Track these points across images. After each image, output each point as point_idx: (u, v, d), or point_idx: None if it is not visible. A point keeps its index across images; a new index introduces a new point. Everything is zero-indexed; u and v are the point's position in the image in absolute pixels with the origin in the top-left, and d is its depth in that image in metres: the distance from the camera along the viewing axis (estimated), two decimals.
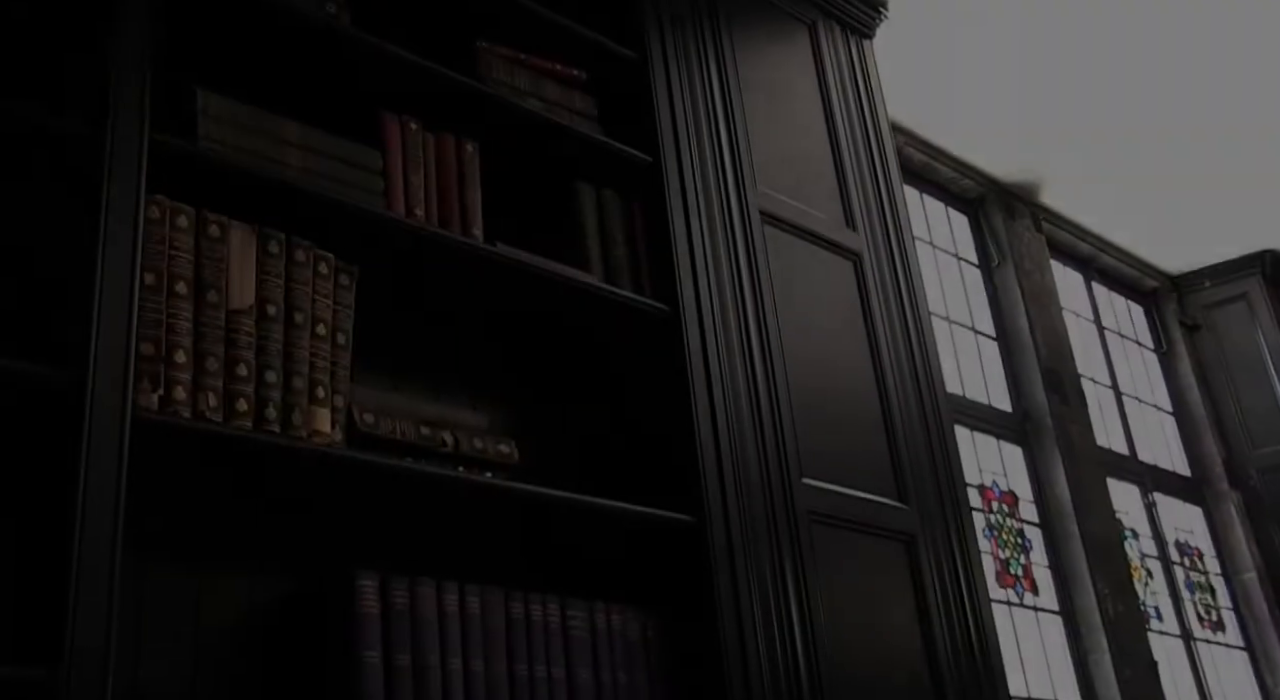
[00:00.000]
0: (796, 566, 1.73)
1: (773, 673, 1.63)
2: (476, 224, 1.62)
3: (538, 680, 1.42)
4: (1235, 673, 3.79)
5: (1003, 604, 3.08)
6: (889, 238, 2.25)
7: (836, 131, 2.28)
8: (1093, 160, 3.62)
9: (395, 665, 1.31)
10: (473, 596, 1.40)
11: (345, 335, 1.41)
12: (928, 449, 2.09)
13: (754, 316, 1.88)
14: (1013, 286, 3.59)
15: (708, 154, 1.96)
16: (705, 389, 1.73)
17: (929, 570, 1.96)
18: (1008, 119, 3.40)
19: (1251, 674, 3.82)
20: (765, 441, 1.78)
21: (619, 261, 1.79)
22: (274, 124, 1.45)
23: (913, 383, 2.13)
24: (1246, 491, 4.03)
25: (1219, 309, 4.22)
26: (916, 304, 2.24)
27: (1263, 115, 3.45)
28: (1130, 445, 3.89)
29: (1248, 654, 3.85)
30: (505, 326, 1.78)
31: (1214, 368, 4.18)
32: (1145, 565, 3.66)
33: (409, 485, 1.41)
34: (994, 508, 3.23)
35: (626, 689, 1.52)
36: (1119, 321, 4.20)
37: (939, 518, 2.03)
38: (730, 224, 1.93)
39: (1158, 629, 3.54)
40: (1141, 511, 3.79)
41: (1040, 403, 3.44)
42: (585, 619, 1.50)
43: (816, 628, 1.72)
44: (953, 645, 1.93)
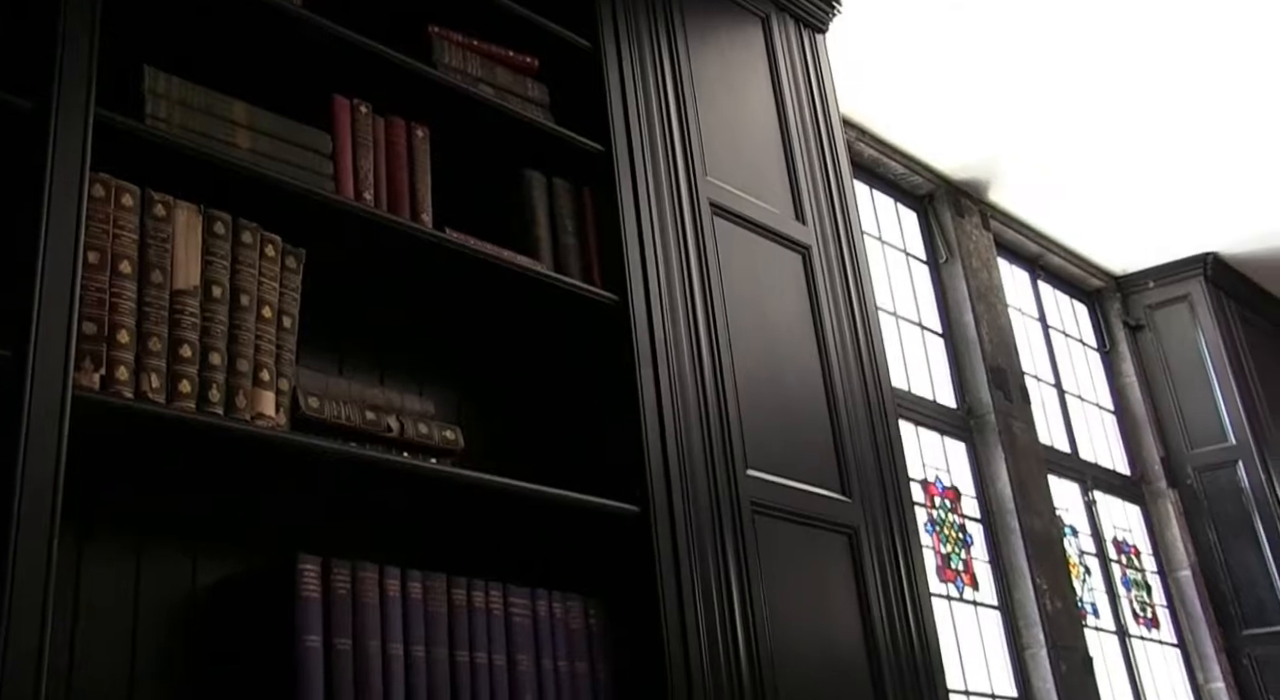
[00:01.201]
0: (739, 557, 1.75)
1: (713, 662, 1.64)
2: (426, 209, 1.62)
3: (479, 667, 1.43)
4: (1168, 669, 3.88)
5: (943, 598, 3.13)
6: (838, 232, 2.28)
7: (788, 125, 2.30)
8: (1041, 160, 3.69)
9: (336, 650, 1.31)
10: (415, 582, 1.40)
11: (291, 318, 1.40)
12: (872, 443, 2.12)
13: (702, 307, 1.89)
14: (960, 284, 3.64)
15: (659, 144, 1.98)
16: (652, 379, 1.74)
17: (870, 563, 1.98)
18: (959, 117, 3.44)
19: (1184, 670, 3.92)
20: (711, 433, 1.80)
21: (568, 250, 1.79)
22: (223, 104, 1.44)
23: (859, 377, 2.16)
24: (1183, 491, 4.13)
25: (1161, 310, 4.31)
26: (864, 299, 2.27)
27: (1206, 122, 3.53)
28: (1072, 443, 3.97)
29: (1180, 651, 3.95)
30: (453, 313, 1.78)
31: (1155, 368, 4.28)
32: (1083, 562, 3.74)
33: (352, 470, 1.41)
34: (937, 503, 3.29)
35: (568, 676, 1.53)
36: (1064, 320, 4.28)
37: (882, 511, 2.06)
38: (680, 215, 1.94)
39: (1094, 625, 3.62)
40: (1081, 509, 3.87)
41: (985, 399, 3.50)
42: (528, 606, 1.51)
43: (758, 618, 1.74)
44: (892, 638, 1.96)
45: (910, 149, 3.58)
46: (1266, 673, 3.83)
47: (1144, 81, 3.33)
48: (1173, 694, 3.83)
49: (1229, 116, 3.51)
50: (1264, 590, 3.89)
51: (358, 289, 1.67)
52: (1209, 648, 3.91)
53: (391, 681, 1.33)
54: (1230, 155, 3.70)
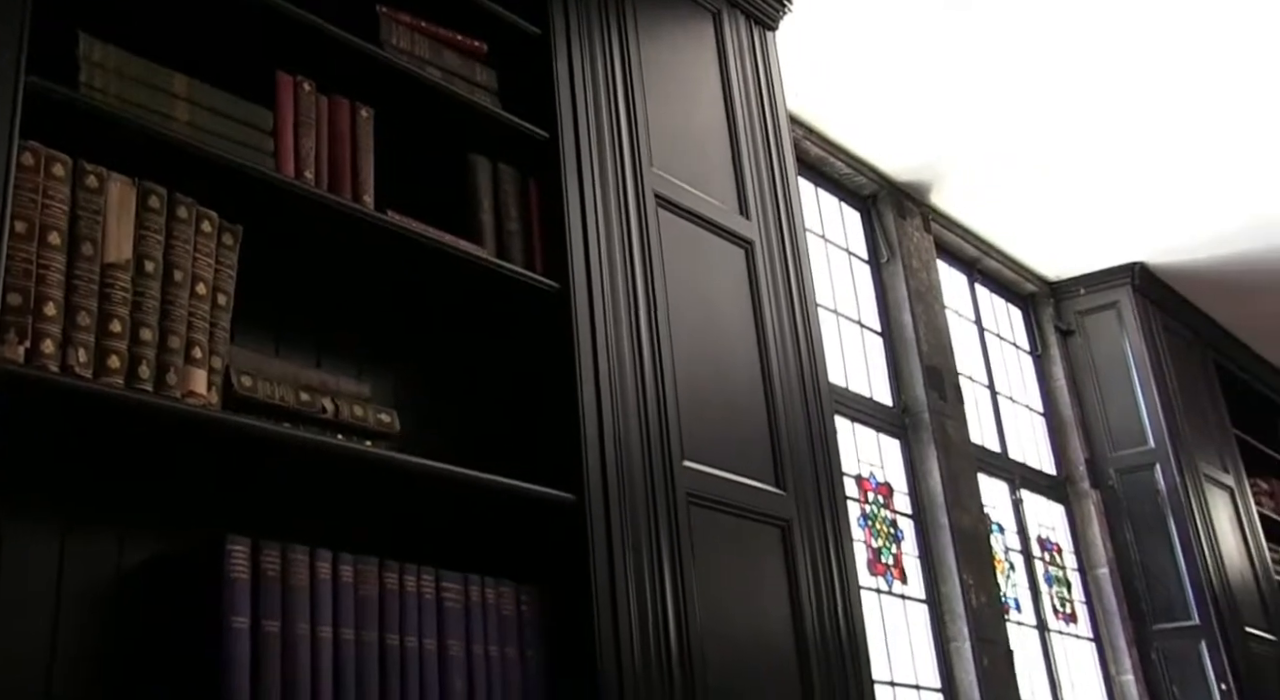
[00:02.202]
0: (673, 547, 1.77)
1: (644, 651, 1.66)
2: (368, 191, 1.60)
3: (409, 651, 1.42)
4: (1083, 661, 4.00)
5: (873, 591, 3.18)
6: (781, 228, 2.30)
7: (735, 120, 2.31)
8: (983, 167, 3.75)
9: (263, 632, 1.29)
10: (346, 565, 1.39)
11: (226, 296, 1.38)
12: (808, 438, 2.15)
13: (644, 298, 1.90)
14: (900, 284, 3.69)
15: (605, 134, 1.98)
16: (591, 368, 1.75)
17: (802, 556, 2.01)
18: (904, 120, 3.49)
19: (1097, 663, 4.04)
20: (649, 423, 1.81)
21: (511, 236, 1.79)
22: (162, 76, 1.41)
23: (797, 372, 2.19)
24: (1105, 491, 4.24)
25: (1091, 316, 4.42)
26: (805, 295, 2.29)
27: (1138, 138, 3.62)
28: (1002, 443, 4.05)
29: (1095, 644, 4.06)
30: (394, 296, 1.77)
31: (1083, 372, 4.38)
32: (1008, 558, 3.83)
33: (285, 451, 1.39)
34: (870, 498, 3.34)
35: (499, 662, 1.53)
36: (998, 323, 4.37)
37: (815, 505, 2.09)
38: (625, 205, 1.95)
39: (1016, 619, 3.71)
40: (1008, 507, 3.96)
41: (920, 398, 3.56)
42: (460, 591, 1.51)
43: (689, 608, 1.75)
44: (821, 629, 1.99)
45: (856, 149, 3.62)
46: (1171, 665, 3.97)
47: (1081, 97, 3.41)
48: (1086, 686, 3.95)
49: (1159, 134, 3.60)
50: (1173, 587, 4.02)
51: (297, 269, 1.66)
52: (1121, 641, 4.03)
53: (320, 664, 1.33)
54: (1159, 170, 3.80)
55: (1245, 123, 3.60)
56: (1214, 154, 3.74)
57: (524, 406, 1.77)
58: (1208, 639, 3.94)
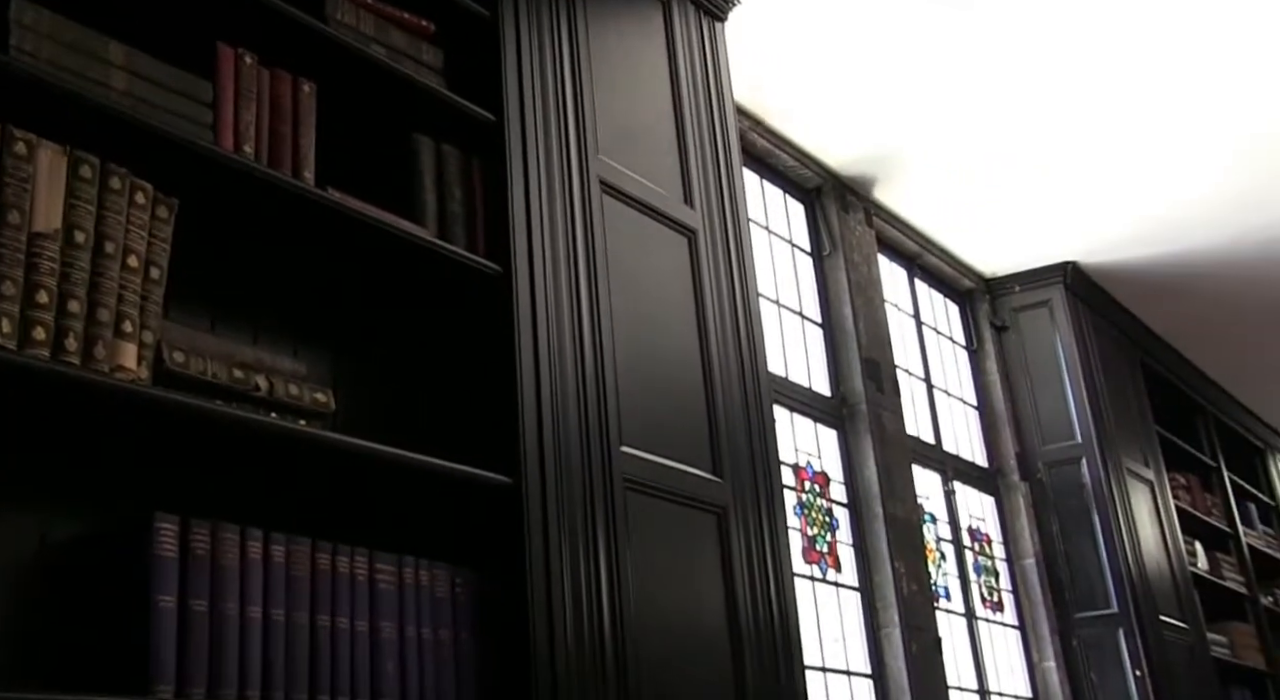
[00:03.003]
0: (609, 532, 1.78)
1: (578, 634, 1.67)
2: (308, 167, 1.58)
3: (340, 632, 1.42)
4: (1008, 648, 4.10)
5: (807, 579, 3.23)
6: (725, 218, 2.32)
7: (682, 109, 2.32)
8: (925, 164, 3.81)
9: (191, 611, 1.28)
10: (278, 545, 1.38)
11: (160, 269, 1.36)
12: (746, 426, 2.17)
13: (585, 283, 1.90)
14: (841, 277, 3.74)
15: (552, 118, 1.97)
16: (531, 351, 1.75)
17: (737, 543, 2.03)
18: (850, 115, 3.53)
19: (1022, 650, 4.14)
20: (587, 407, 1.81)
21: (454, 218, 1.78)
22: (98, 43, 1.37)
23: (737, 361, 2.21)
24: (1034, 484, 4.34)
25: (1025, 312, 4.51)
26: (747, 285, 2.31)
27: (1074, 139, 3.70)
28: (936, 435, 4.13)
29: (1020, 632, 4.17)
30: (333, 274, 1.75)
31: (1016, 367, 4.48)
32: (940, 548, 3.90)
33: (217, 428, 1.37)
34: (806, 487, 3.38)
35: (431, 644, 1.53)
36: (936, 318, 4.44)
37: (751, 493, 2.11)
38: (569, 190, 1.95)
39: (945, 607, 3.79)
40: (941, 498, 4.03)
41: (858, 389, 3.61)
42: (394, 573, 1.50)
43: (624, 592, 1.76)
44: (754, 615, 2.01)
45: (801, 143, 3.65)
46: (1091, 652, 4.09)
47: (1020, 99, 3.47)
48: (1010, 672, 4.05)
49: (1094, 136, 3.68)
50: (1094, 577, 4.14)
51: (235, 245, 1.63)
52: (1045, 629, 4.13)
53: (248, 644, 1.31)
54: (1093, 172, 3.89)
55: (1175, 127, 3.69)
56: (1146, 157, 3.84)
57: (463, 389, 1.76)
58: (1125, 627, 4.06)
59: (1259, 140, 3.77)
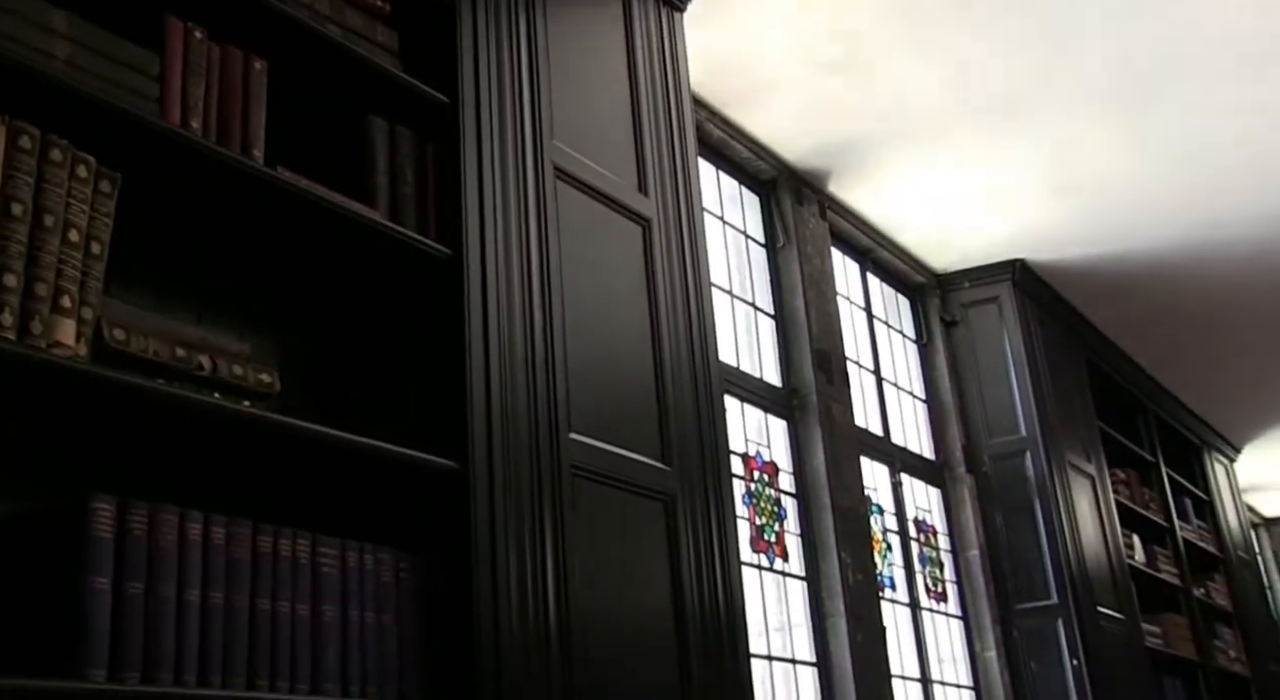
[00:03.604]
0: (556, 519, 1.78)
1: (523, 620, 1.66)
2: (258, 145, 1.56)
3: (280, 615, 1.40)
4: (951, 638, 4.17)
5: (754, 567, 3.25)
6: (680, 207, 2.32)
7: (639, 98, 2.32)
8: (879, 159, 3.84)
9: (126, 593, 1.26)
10: (218, 527, 1.36)
11: (101, 245, 1.33)
12: (696, 415, 2.17)
13: (537, 269, 1.90)
14: (794, 269, 3.76)
15: (507, 103, 1.96)
16: (481, 336, 1.74)
17: (685, 531, 2.04)
18: (806, 108, 3.54)
19: (964, 640, 4.21)
20: (537, 393, 1.81)
21: (406, 201, 1.76)
22: (41, 11, 1.34)
23: (688, 350, 2.21)
24: (979, 477, 4.41)
25: (974, 308, 4.57)
26: (699, 274, 2.32)
27: (1026, 141, 3.75)
28: (885, 427, 4.17)
29: (963, 622, 4.23)
30: (282, 254, 1.72)
31: (964, 362, 4.54)
32: (886, 539, 3.95)
33: (158, 408, 1.35)
34: (755, 476, 3.40)
35: (374, 629, 1.52)
36: (887, 312, 4.48)
37: (700, 481, 2.12)
38: (523, 175, 1.94)
39: (890, 597, 3.84)
40: (888, 489, 4.08)
41: (808, 381, 3.64)
42: (337, 557, 1.49)
43: (570, 580, 1.76)
44: (700, 603, 2.02)
45: (758, 134, 3.66)
46: (1030, 641, 4.17)
47: (974, 98, 3.51)
48: (952, 661, 4.12)
49: (1045, 135, 3.74)
50: (1036, 569, 4.22)
51: (181, 222, 1.60)
52: (987, 620, 4.21)
53: (185, 627, 1.30)
54: (1044, 170, 3.94)
55: (1122, 129, 3.75)
56: (1094, 158, 3.90)
57: (411, 373, 1.75)
58: (1064, 617, 4.14)
59: (1200, 143, 3.85)
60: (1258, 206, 4.23)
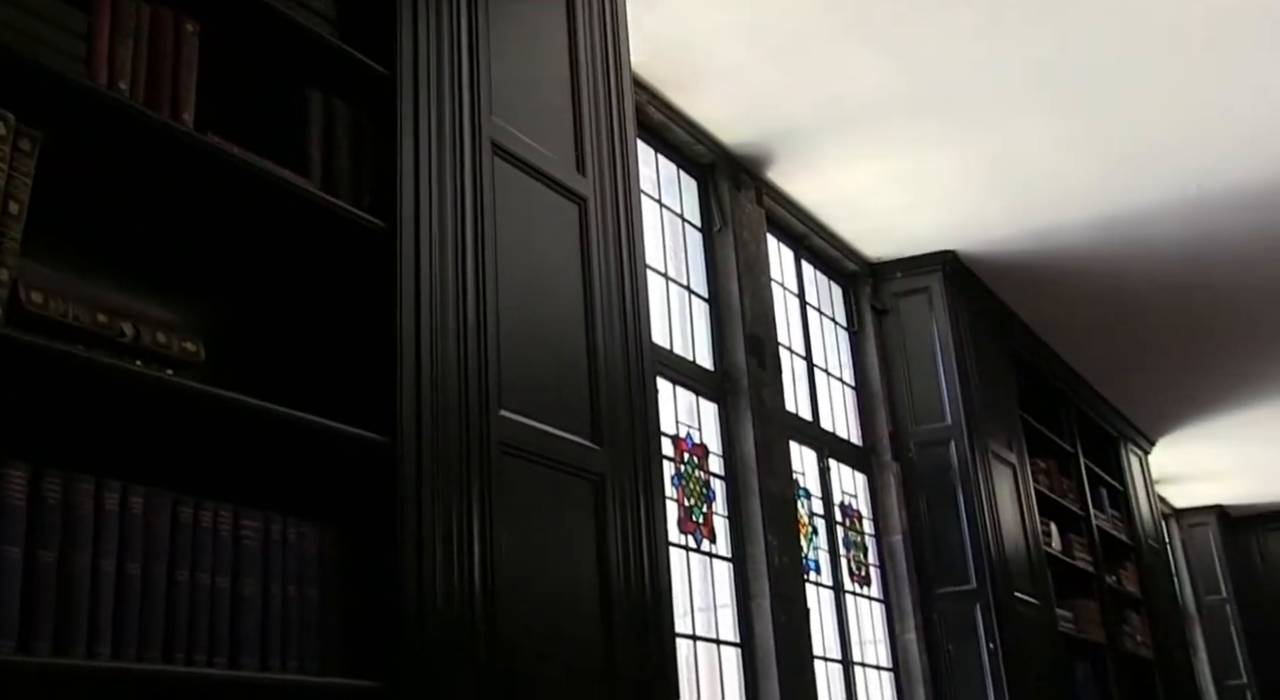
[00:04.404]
0: (484, 496, 1.77)
1: (448, 598, 1.66)
2: (188, 109, 1.53)
3: (199, 588, 1.38)
4: (873, 621, 4.25)
5: (681, 548, 3.28)
6: (617, 188, 2.32)
7: (579, 77, 2.31)
8: (817, 147, 3.87)
9: (38, 563, 1.23)
10: (136, 497, 1.34)
11: (19, 204, 1.29)
12: (627, 396, 2.18)
13: (472, 245, 1.89)
14: (730, 254, 3.78)
15: (446, 77, 1.94)
16: (413, 310, 1.73)
17: (613, 511, 2.05)
18: (746, 93, 3.56)
19: (885, 623, 4.30)
20: (468, 370, 1.80)
21: (340, 172, 1.74)
22: None
23: (621, 331, 2.22)
24: (905, 463, 4.50)
25: (905, 298, 4.65)
26: (635, 255, 2.32)
27: (961, 134, 3.82)
28: (814, 413, 4.23)
29: (884, 605, 4.33)
30: (212, 222, 1.69)
31: (894, 350, 4.62)
32: (812, 523, 4.01)
33: (77, 374, 1.32)
34: (685, 458, 3.43)
35: (296, 603, 1.51)
36: (819, 298, 4.54)
37: (629, 462, 2.13)
38: (460, 150, 1.92)
39: (815, 580, 3.90)
40: (816, 474, 4.14)
41: (740, 365, 3.67)
42: (259, 529, 1.47)
43: (497, 557, 1.76)
44: (627, 583, 2.04)
45: (697, 118, 3.67)
46: (950, 625, 4.28)
47: (911, 90, 3.56)
48: (874, 643, 4.21)
49: (980, 131, 3.80)
50: (957, 554, 4.32)
51: (107, 186, 1.56)
52: (908, 604, 4.31)
53: (100, 598, 1.27)
54: (978, 164, 4.02)
55: (1053, 124, 3.84)
56: (1026, 153, 3.98)
57: (341, 346, 1.73)
58: (982, 602, 4.26)
59: (1128, 142, 3.95)
60: (1181, 206, 4.37)
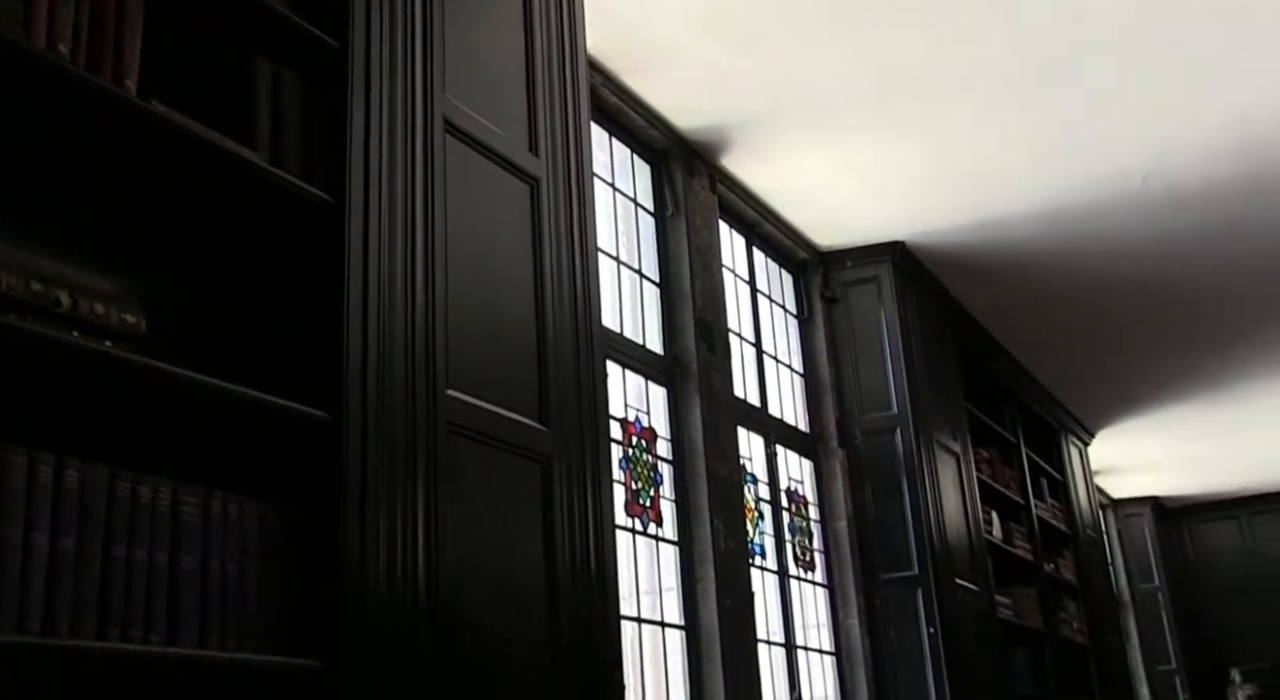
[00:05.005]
0: (430, 476, 1.76)
1: (391, 577, 1.65)
2: (131, 75, 1.49)
3: (136, 563, 1.36)
4: (816, 606, 4.30)
5: (628, 531, 3.29)
6: (570, 170, 2.31)
7: (534, 57, 2.29)
8: (770, 135, 3.89)
9: None
10: (72, 471, 1.31)
11: None
12: (576, 378, 2.18)
13: (422, 222, 1.87)
14: (681, 239, 3.79)
15: (399, 52, 1.92)
16: (361, 287, 1.71)
17: (560, 492, 2.05)
18: (703, 81, 3.56)
19: (829, 607, 4.35)
20: (415, 348, 1.79)
21: (289, 145, 1.71)
22: None
23: (571, 313, 2.21)
24: (851, 451, 4.55)
25: (854, 287, 4.70)
26: (586, 238, 2.31)
27: (914, 125, 3.85)
28: (763, 399, 4.26)
29: (828, 590, 4.38)
30: (155, 192, 1.65)
31: (842, 339, 4.66)
32: (759, 508, 4.05)
33: (10, 344, 1.29)
34: (633, 442, 3.43)
35: (236, 580, 1.49)
36: (770, 286, 4.56)
37: (577, 444, 2.13)
38: (412, 127, 1.90)
39: (760, 565, 3.94)
40: (763, 460, 4.18)
41: (690, 350, 3.68)
42: (199, 505, 1.45)
43: (442, 537, 1.75)
44: (572, 565, 2.04)
45: (653, 104, 3.66)
46: (891, 610, 4.34)
47: (863, 80, 3.58)
48: (817, 627, 4.26)
49: (932, 123, 3.84)
50: (900, 541, 4.39)
51: (46, 153, 1.52)
52: (851, 589, 4.36)
53: (31, 574, 1.24)
54: (928, 155, 4.06)
55: (1004, 120, 3.89)
56: (977, 148, 4.03)
57: (287, 321, 1.71)
58: (924, 588, 4.32)
59: (1075, 139, 4.01)
60: (1126, 202, 4.45)
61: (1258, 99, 3.81)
